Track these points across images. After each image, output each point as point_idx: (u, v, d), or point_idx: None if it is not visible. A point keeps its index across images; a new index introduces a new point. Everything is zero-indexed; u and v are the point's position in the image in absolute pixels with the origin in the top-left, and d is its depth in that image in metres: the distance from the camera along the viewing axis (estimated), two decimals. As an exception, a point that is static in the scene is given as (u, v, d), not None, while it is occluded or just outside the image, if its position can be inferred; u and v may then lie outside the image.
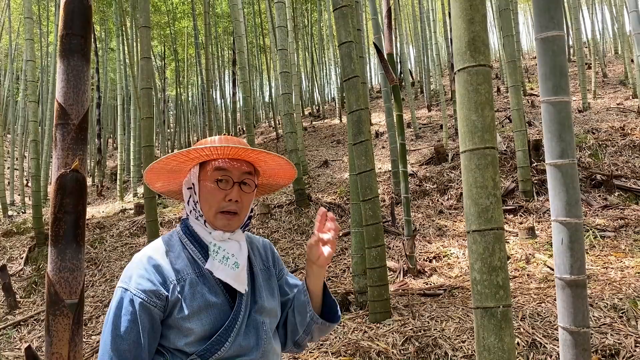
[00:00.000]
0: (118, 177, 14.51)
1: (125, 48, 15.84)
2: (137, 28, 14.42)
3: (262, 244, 1.57)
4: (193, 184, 1.39)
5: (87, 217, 10.55)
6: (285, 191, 9.64)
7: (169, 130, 27.22)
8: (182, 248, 1.36)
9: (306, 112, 24.15)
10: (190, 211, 1.40)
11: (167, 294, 1.27)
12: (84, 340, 5.31)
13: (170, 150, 24.28)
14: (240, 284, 1.35)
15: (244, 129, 11.79)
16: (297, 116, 14.18)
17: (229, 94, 22.21)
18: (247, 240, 1.49)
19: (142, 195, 11.04)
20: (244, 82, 9.26)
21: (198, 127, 27.60)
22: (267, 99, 27.65)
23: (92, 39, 19.75)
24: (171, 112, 31.24)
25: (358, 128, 4.42)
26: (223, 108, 25.74)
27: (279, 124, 18.71)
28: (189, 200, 1.41)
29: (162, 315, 1.28)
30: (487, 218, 2.24)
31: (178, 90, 26.38)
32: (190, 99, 32.24)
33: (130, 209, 10.88)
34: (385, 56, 5.90)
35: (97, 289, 6.75)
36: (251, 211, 1.48)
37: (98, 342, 5.13)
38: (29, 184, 13.81)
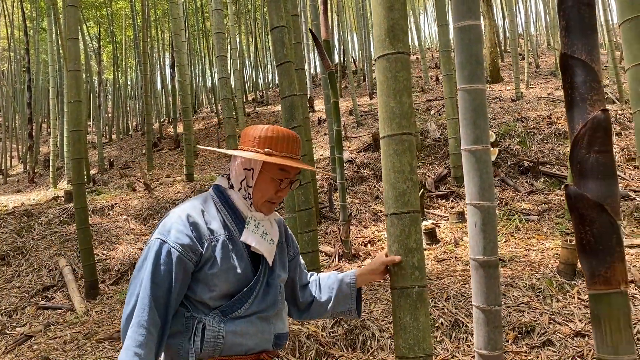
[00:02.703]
0: (51, 164, 13.85)
1: (58, 28, 15.06)
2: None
3: (277, 220, 1.78)
4: (253, 169, 1.58)
5: (15, 205, 10.10)
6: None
7: (107, 115, 26.27)
8: (217, 211, 1.57)
9: (250, 98, 23.88)
10: (240, 189, 1.60)
11: (201, 250, 1.47)
12: (7, 332, 5.10)
13: (108, 136, 23.53)
14: (270, 256, 1.61)
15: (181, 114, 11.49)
16: (238, 101, 14.02)
17: (169, 78, 21.64)
18: None
19: (75, 182, 10.62)
20: (179, 65, 9.04)
21: (137, 112, 26.80)
22: (209, 84, 27.12)
23: (23, 18, 18.71)
24: (109, 97, 30.14)
25: (291, 114, 4.43)
26: (163, 93, 25.06)
27: (221, 109, 18.41)
28: (241, 180, 1.59)
29: (194, 268, 1.47)
30: (403, 201, 2.29)
31: (116, 74, 25.45)
32: (129, 83, 31.21)
33: (62, 197, 10.46)
34: (322, 42, 5.90)
35: (24, 279, 6.47)
36: None
37: (22, 333, 4.96)
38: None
